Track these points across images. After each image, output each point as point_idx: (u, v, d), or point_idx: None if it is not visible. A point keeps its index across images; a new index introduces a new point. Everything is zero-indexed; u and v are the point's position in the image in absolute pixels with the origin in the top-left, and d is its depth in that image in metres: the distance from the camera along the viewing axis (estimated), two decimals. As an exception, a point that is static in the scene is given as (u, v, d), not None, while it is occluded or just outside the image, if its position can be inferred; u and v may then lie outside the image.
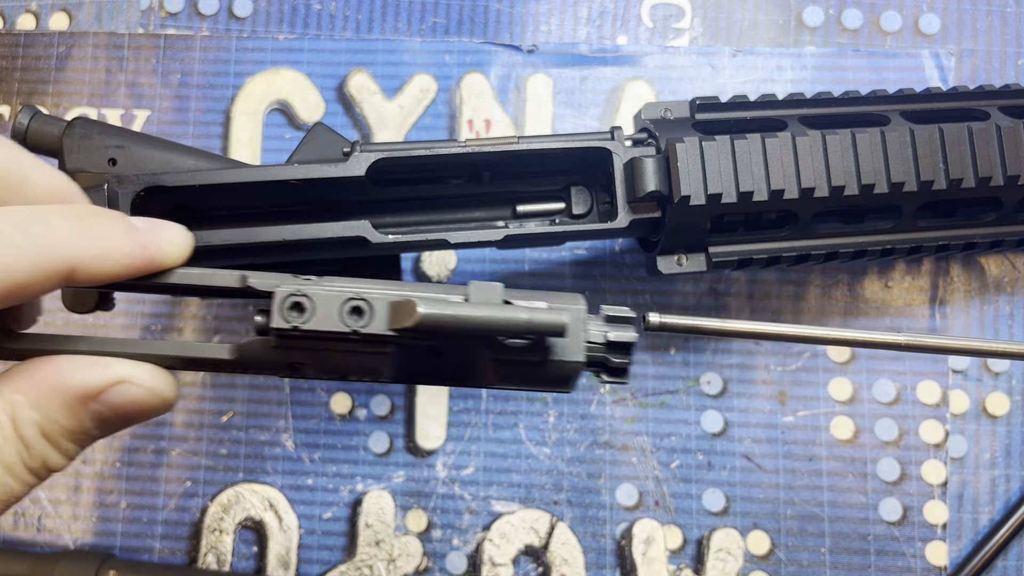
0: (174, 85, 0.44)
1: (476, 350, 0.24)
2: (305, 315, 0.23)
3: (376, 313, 0.23)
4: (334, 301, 0.23)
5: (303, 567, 0.41)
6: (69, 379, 0.22)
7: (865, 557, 0.40)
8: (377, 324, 0.23)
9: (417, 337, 0.23)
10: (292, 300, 0.23)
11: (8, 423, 0.21)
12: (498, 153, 0.34)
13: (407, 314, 0.22)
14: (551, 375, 0.25)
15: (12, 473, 0.22)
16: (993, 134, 0.34)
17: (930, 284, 0.42)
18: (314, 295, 0.23)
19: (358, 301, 0.23)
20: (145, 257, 0.23)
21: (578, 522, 0.41)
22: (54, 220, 0.21)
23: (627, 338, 0.24)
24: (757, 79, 0.43)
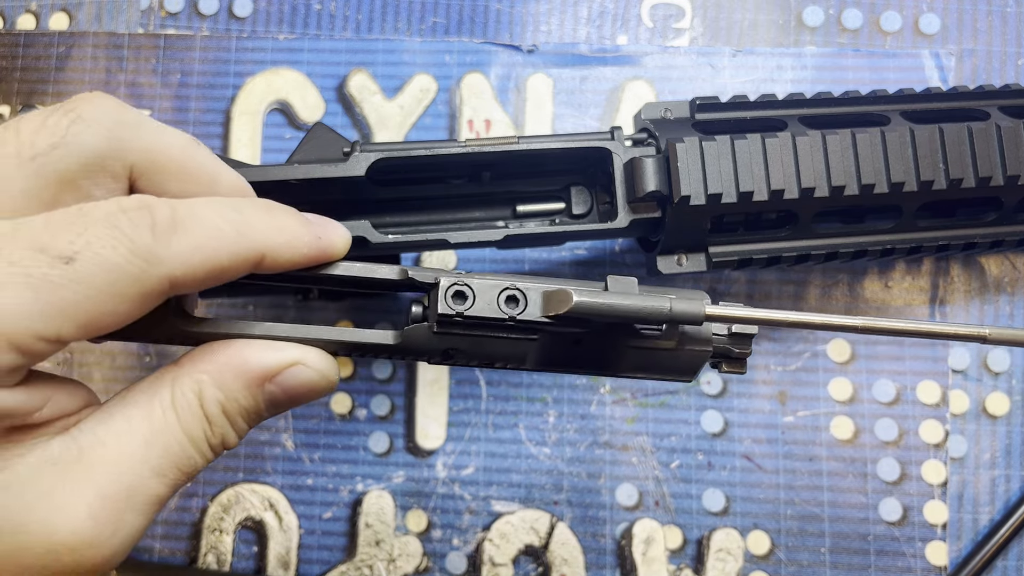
0: (174, 85, 0.44)
1: (615, 339, 0.26)
2: (467, 303, 0.25)
3: (530, 301, 0.25)
4: (492, 290, 0.25)
5: (303, 567, 0.41)
6: (250, 361, 0.24)
7: (865, 557, 0.40)
8: (532, 311, 0.25)
9: (566, 324, 0.25)
10: (456, 289, 0.25)
11: (195, 400, 0.23)
12: (498, 153, 0.34)
13: (562, 302, 0.24)
14: (681, 364, 0.27)
15: (197, 447, 0.23)
16: (993, 134, 0.34)
17: (930, 284, 0.42)
18: (474, 285, 0.25)
19: (514, 290, 0.25)
20: (320, 248, 0.25)
21: (578, 522, 0.41)
22: (249, 211, 0.23)
23: (748, 330, 0.27)
24: (757, 79, 0.43)
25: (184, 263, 0.21)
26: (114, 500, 0.21)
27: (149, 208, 0.21)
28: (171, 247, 0.21)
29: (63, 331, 0.20)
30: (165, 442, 0.22)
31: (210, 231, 0.22)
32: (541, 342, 0.26)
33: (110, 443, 0.22)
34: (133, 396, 0.23)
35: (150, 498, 0.22)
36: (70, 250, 0.20)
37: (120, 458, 0.22)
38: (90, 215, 0.20)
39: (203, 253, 0.21)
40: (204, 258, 0.21)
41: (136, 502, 0.22)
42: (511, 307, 0.25)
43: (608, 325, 0.25)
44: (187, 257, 0.21)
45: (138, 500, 0.22)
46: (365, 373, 0.42)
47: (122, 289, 0.20)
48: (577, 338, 0.26)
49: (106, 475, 0.22)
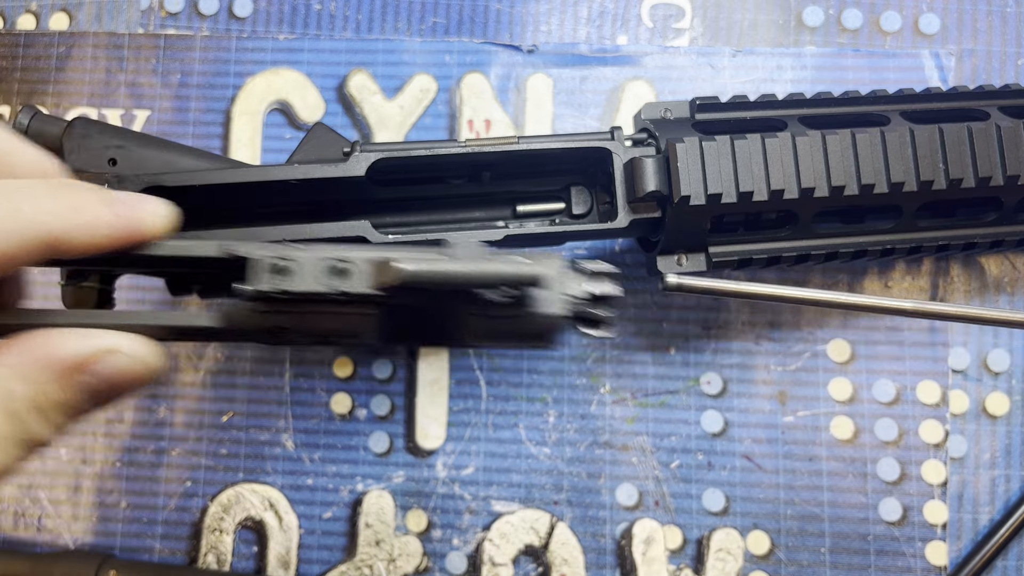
0: (174, 85, 0.44)
1: (459, 307, 0.24)
2: (288, 278, 0.23)
3: (359, 273, 0.23)
4: (317, 264, 0.23)
5: (303, 567, 0.41)
6: (58, 350, 0.22)
7: (865, 557, 0.40)
8: (360, 284, 0.23)
9: (400, 296, 0.23)
10: (276, 264, 0.23)
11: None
12: (498, 153, 0.34)
13: (390, 272, 0.22)
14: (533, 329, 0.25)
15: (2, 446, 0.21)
16: (993, 134, 0.34)
17: (930, 284, 0.42)
18: (297, 258, 0.23)
19: (341, 263, 0.23)
20: (126, 228, 0.23)
21: (578, 522, 0.41)
22: (35, 191, 0.21)
23: (608, 291, 0.25)
24: (757, 79, 0.43)
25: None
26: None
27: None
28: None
29: None
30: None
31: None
32: (378, 315, 0.24)
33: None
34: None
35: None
36: None
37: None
38: None
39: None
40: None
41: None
42: (338, 280, 0.23)
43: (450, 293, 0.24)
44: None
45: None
46: (365, 373, 0.42)
47: None
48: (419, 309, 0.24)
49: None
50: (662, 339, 0.42)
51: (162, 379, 0.42)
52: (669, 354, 0.42)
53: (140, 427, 0.42)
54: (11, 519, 0.42)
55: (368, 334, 0.25)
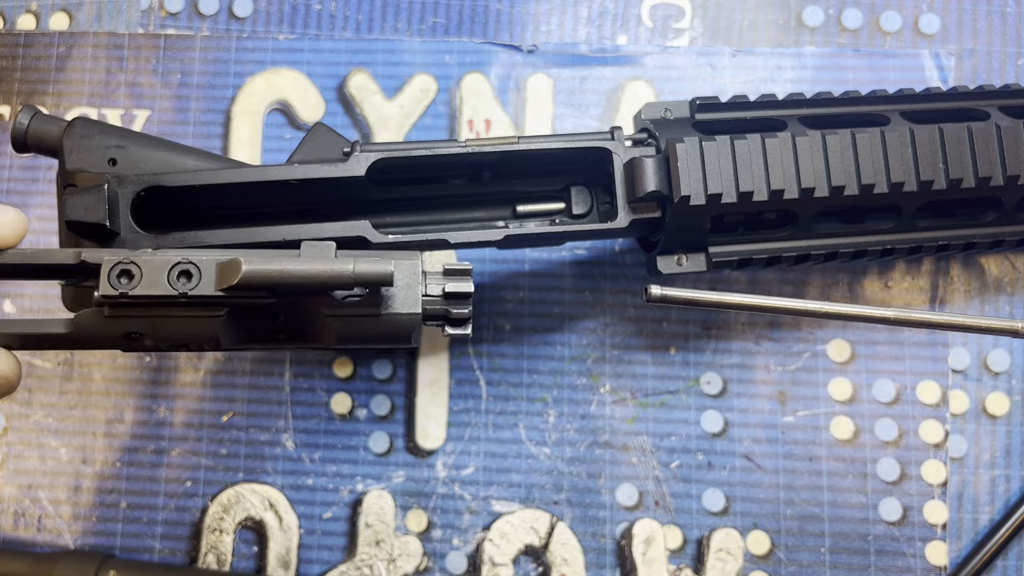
0: (174, 85, 0.44)
1: (312, 309, 0.24)
2: (133, 281, 0.23)
3: (204, 275, 0.23)
4: (162, 267, 0.23)
5: (303, 567, 0.41)
6: None
7: (865, 557, 0.40)
8: (205, 286, 0.23)
9: (247, 296, 0.23)
10: (120, 268, 0.23)
11: None
12: (498, 153, 0.34)
13: (232, 272, 0.22)
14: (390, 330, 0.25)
15: None
16: (993, 134, 0.34)
17: (930, 284, 0.42)
18: (142, 262, 0.23)
19: (186, 264, 0.23)
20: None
21: (578, 522, 0.41)
22: None
23: (463, 288, 0.25)
24: (757, 79, 0.43)
25: None
26: None
27: None
28: None
29: None
30: None
31: None
32: (232, 319, 0.24)
33: None
34: None
35: None
36: None
37: None
38: None
39: None
40: None
41: None
42: (183, 282, 0.23)
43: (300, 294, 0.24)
44: None
45: None
46: (365, 373, 0.42)
47: None
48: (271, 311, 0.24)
49: None
50: (662, 339, 0.42)
51: (161, 381, 0.43)
52: (669, 354, 0.42)
53: (140, 427, 0.42)
54: (11, 519, 0.42)
55: (223, 338, 0.25)
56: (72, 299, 0.30)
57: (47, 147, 0.33)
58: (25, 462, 0.43)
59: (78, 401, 0.43)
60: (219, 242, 0.32)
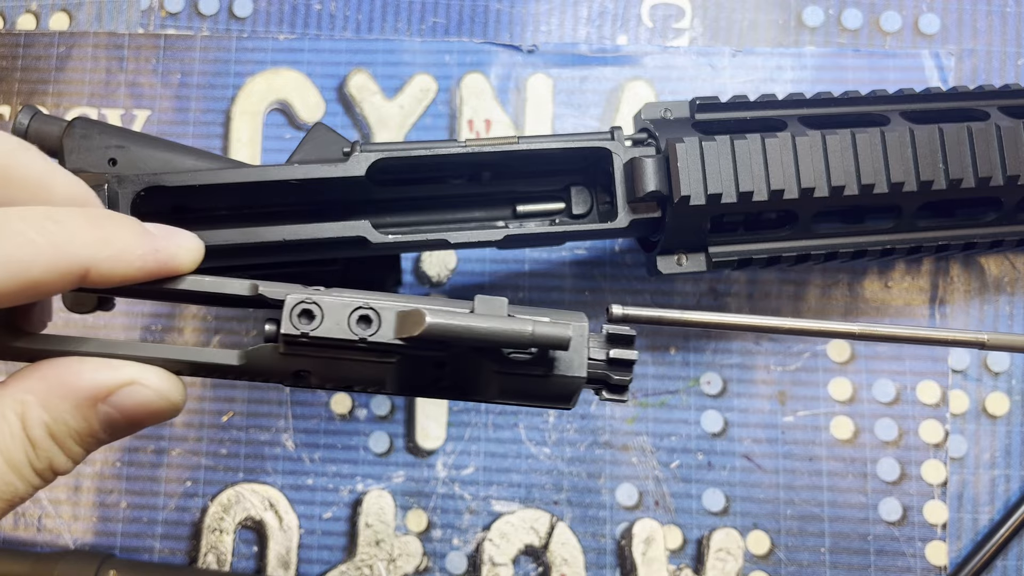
0: (174, 85, 0.44)
1: (480, 363, 0.25)
2: (314, 322, 0.23)
3: (384, 322, 0.23)
4: (343, 310, 0.23)
5: (303, 567, 0.41)
6: (80, 379, 0.22)
7: (865, 557, 0.40)
8: (384, 333, 0.23)
9: (422, 347, 0.23)
10: (302, 307, 0.23)
11: (16, 422, 0.21)
12: (498, 153, 0.34)
13: (415, 323, 0.22)
14: (553, 390, 0.25)
15: (18, 473, 0.22)
16: (993, 134, 0.34)
17: (930, 284, 0.42)
18: (324, 303, 0.23)
19: (366, 310, 0.23)
20: (157, 261, 0.23)
21: (578, 522, 0.41)
22: (70, 221, 0.21)
23: (628, 356, 0.25)
24: (757, 79, 0.43)
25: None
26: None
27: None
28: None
29: None
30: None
31: (20, 243, 0.20)
32: (400, 365, 0.24)
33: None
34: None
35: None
36: None
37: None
38: None
39: (10, 268, 0.20)
40: (12, 274, 0.20)
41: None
42: (363, 328, 0.23)
43: (471, 348, 0.24)
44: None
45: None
46: (365, 373, 0.42)
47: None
48: (439, 361, 0.25)
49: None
50: (662, 339, 0.42)
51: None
52: (669, 354, 0.42)
53: (140, 427, 0.42)
54: (11, 519, 0.42)
55: (389, 383, 0.25)
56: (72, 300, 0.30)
57: (47, 147, 0.33)
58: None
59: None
60: (219, 242, 0.32)
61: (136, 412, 0.23)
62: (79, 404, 0.22)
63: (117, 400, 0.22)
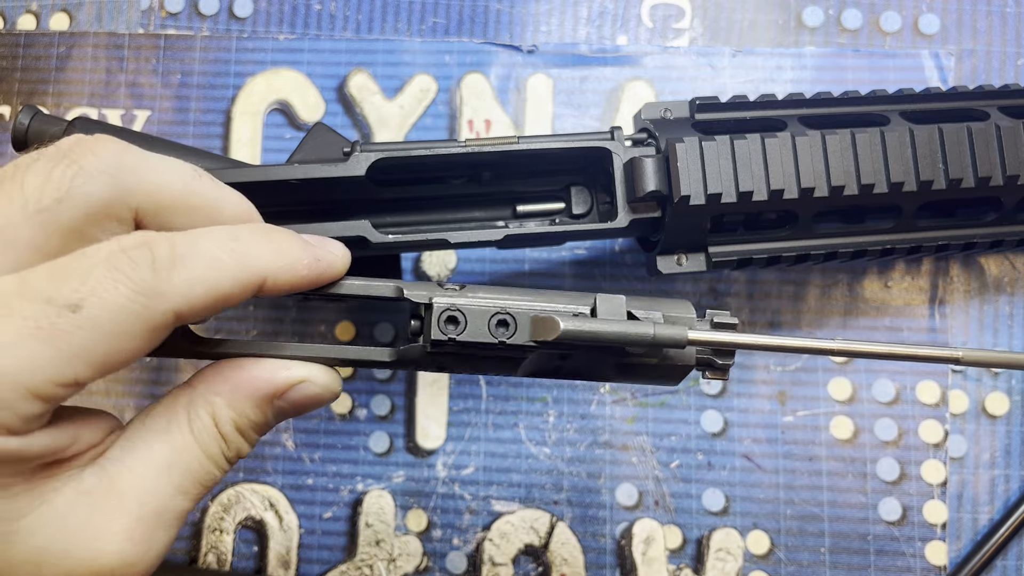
0: (174, 85, 0.44)
1: (603, 354, 0.27)
2: (459, 328, 0.26)
3: (520, 326, 0.26)
4: (484, 315, 0.26)
5: (303, 567, 0.41)
6: (261, 380, 0.25)
7: (865, 557, 0.40)
8: (520, 336, 0.26)
9: (553, 347, 0.26)
10: (448, 315, 0.26)
11: (210, 421, 0.25)
12: (498, 153, 0.34)
13: (549, 329, 0.25)
14: (664, 374, 0.28)
15: (215, 463, 0.25)
16: (993, 134, 0.34)
17: (930, 284, 0.42)
18: (466, 310, 0.26)
19: (504, 315, 0.26)
20: (319, 269, 0.26)
21: (578, 522, 0.41)
22: (248, 237, 0.24)
23: None
24: (757, 79, 0.43)
25: (186, 296, 0.22)
26: (146, 521, 0.23)
27: (148, 245, 0.22)
28: (173, 282, 0.22)
29: (79, 374, 0.21)
30: (186, 462, 0.24)
31: (210, 262, 0.23)
32: (529, 358, 0.27)
33: (137, 469, 0.23)
34: (152, 421, 0.25)
35: (177, 514, 0.24)
36: (75, 297, 0.21)
37: (146, 482, 0.23)
38: (92, 259, 0.21)
39: (205, 285, 0.22)
40: (206, 289, 0.22)
41: (165, 520, 0.24)
42: (501, 331, 0.26)
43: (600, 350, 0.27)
44: (189, 290, 0.22)
45: (167, 518, 0.24)
46: (365, 373, 0.42)
47: (129, 328, 0.21)
48: (564, 354, 0.27)
49: (136, 500, 0.23)
50: (662, 339, 0.42)
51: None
52: (669, 354, 0.42)
53: (140, 427, 0.42)
54: (11, 519, 0.42)
55: (519, 371, 0.28)
56: None
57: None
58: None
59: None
60: None
61: (305, 403, 0.26)
62: (259, 402, 0.25)
63: (290, 395, 0.26)
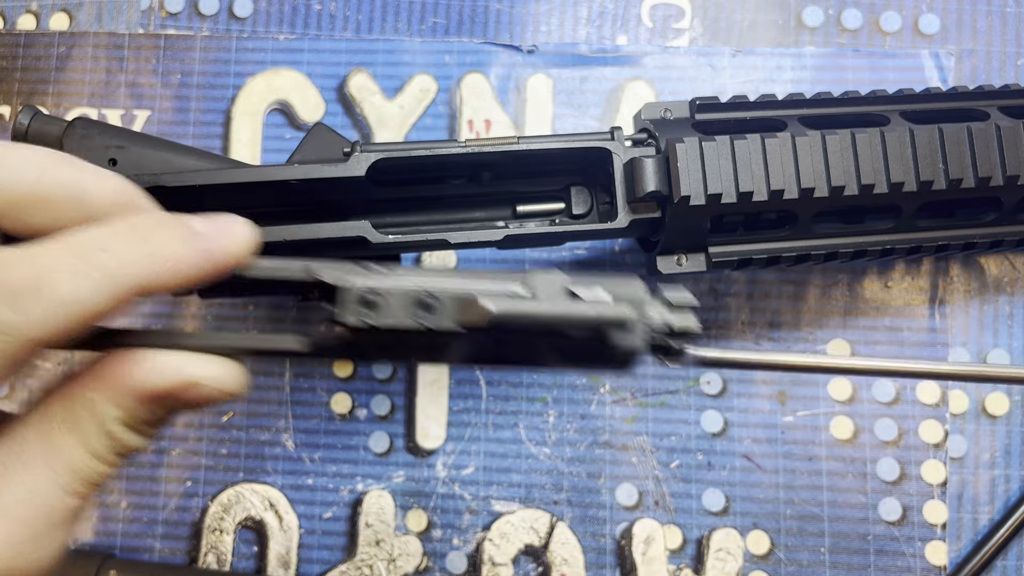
0: (174, 85, 0.44)
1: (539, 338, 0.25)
2: (376, 312, 0.24)
3: (444, 309, 0.24)
4: (404, 298, 0.24)
5: (303, 567, 0.41)
6: (146, 382, 0.23)
7: (865, 557, 0.40)
8: (445, 319, 0.24)
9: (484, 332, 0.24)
10: (363, 298, 0.24)
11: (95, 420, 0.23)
12: (498, 153, 0.34)
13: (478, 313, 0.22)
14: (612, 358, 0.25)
15: (102, 459, 0.24)
16: (993, 134, 0.34)
17: (930, 284, 0.42)
18: (384, 291, 0.24)
19: (427, 298, 0.24)
20: (211, 262, 0.23)
21: (578, 522, 0.41)
22: (117, 245, 0.22)
23: (688, 326, 0.25)
24: (757, 79, 0.43)
25: (45, 325, 0.20)
26: (29, 523, 0.22)
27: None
28: (28, 315, 0.20)
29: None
30: (68, 461, 0.23)
31: (71, 284, 0.21)
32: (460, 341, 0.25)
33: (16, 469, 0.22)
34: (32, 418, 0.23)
35: (65, 513, 0.23)
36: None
37: (26, 482, 0.22)
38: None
39: (67, 309, 0.20)
40: (70, 314, 0.21)
41: (52, 520, 0.22)
42: (424, 315, 0.24)
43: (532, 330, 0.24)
44: (48, 319, 0.20)
45: (54, 518, 0.22)
46: (365, 373, 0.42)
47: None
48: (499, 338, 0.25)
49: (16, 501, 0.22)
50: (662, 339, 0.42)
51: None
52: (669, 354, 0.42)
53: (140, 427, 0.42)
54: (11, 519, 0.42)
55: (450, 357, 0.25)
56: None
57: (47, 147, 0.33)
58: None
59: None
60: None
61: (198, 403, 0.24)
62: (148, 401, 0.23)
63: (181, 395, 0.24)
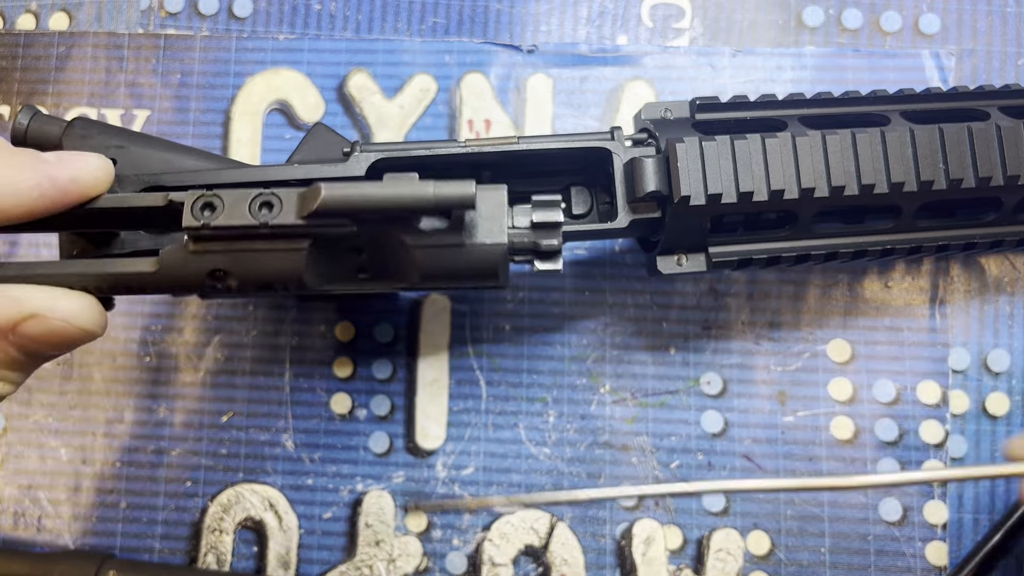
0: (174, 85, 0.44)
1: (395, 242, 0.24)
2: (215, 213, 0.23)
3: (285, 206, 0.23)
4: (244, 198, 0.23)
5: (303, 567, 0.41)
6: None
7: (865, 557, 0.40)
8: (286, 215, 0.23)
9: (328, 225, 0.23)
10: (203, 200, 0.23)
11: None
12: (498, 153, 0.34)
13: (312, 199, 0.22)
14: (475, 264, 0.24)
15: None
16: (993, 134, 0.34)
17: (930, 284, 0.42)
18: (225, 195, 0.23)
19: (267, 196, 0.23)
20: (57, 188, 0.22)
21: (578, 522, 0.41)
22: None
23: (552, 218, 0.24)
24: (757, 79, 0.43)
25: None
26: None
27: None
28: None
29: None
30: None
31: None
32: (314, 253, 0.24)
33: None
34: None
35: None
36: None
37: None
38: None
39: None
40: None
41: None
42: (265, 212, 0.23)
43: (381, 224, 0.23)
44: None
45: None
46: (365, 373, 0.42)
47: None
48: (354, 245, 0.24)
49: None
50: (662, 339, 0.42)
51: (163, 379, 0.43)
52: (669, 354, 0.42)
53: (140, 427, 0.42)
54: (11, 519, 0.42)
55: (307, 276, 0.24)
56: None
57: (47, 147, 0.33)
58: (25, 462, 0.43)
59: (78, 401, 0.43)
60: None
61: (47, 339, 0.23)
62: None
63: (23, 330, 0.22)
